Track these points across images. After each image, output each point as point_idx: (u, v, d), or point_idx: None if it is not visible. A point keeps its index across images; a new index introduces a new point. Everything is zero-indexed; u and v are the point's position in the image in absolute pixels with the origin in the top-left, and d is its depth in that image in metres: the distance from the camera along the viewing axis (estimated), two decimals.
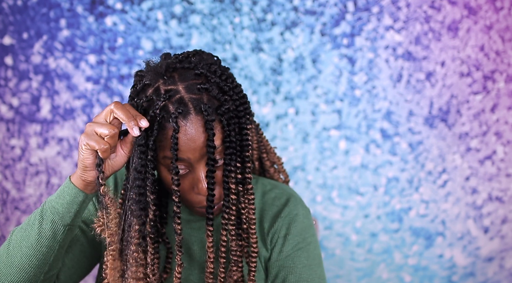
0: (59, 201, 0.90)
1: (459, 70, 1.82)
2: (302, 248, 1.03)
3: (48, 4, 1.75)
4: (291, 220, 1.04)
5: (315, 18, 1.77)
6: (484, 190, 1.89)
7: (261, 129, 1.14)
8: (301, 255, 1.02)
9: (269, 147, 1.14)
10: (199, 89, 0.89)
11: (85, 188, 0.90)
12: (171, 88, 0.89)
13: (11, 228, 1.87)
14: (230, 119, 0.91)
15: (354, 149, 1.84)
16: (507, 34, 1.81)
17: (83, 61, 1.78)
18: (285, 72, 1.79)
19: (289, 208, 1.05)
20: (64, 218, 0.91)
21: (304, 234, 1.04)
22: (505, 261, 1.95)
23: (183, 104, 0.88)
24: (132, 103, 0.92)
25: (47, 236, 0.91)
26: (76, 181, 0.90)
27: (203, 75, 0.91)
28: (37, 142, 1.82)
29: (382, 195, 1.87)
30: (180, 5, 1.75)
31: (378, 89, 1.81)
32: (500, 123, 1.86)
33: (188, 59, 0.92)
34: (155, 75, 0.91)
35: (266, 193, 1.07)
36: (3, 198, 1.85)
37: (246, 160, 0.94)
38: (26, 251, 0.91)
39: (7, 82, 1.79)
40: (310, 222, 1.07)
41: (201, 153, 0.90)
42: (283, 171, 1.19)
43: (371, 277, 1.93)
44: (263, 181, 1.10)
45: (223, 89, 0.91)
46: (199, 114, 0.88)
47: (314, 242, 1.05)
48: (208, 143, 0.88)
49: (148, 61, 0.93)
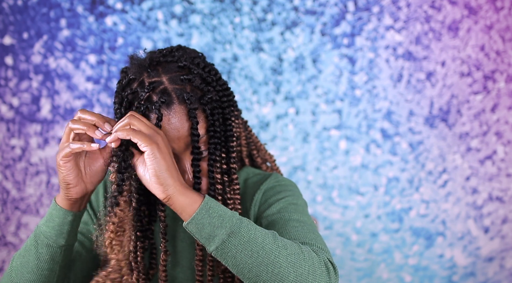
0: (50, 224, 0.91)
1: (460, 70, 1.82)
2: (284, 196, 1.00)
3: (48, 4, 1.75)
4: (269, 187, 1.02)
5: (315, 18, 1.77)
6: (484, 190, 1.89)
7: (250, 127, 1.14)
8: (285, 199, 0.99)
9: (259, 143, 1.14)
10: (182, 80, 0.90)
11: (72, 207, 0.90)
12: (155, 80, 0.90)
13: (11, 228, 1.87)
14: (214, 109, 0.92)
15: (355, 149, 1.84)
16: (507, 34, 1.81)
17: (83, 61, 1.78)
18: (285, 72, 1.79)
19: (267, 182, 1.03)
20: (58, 240, 0.91)
21: (284, 190, 1.01)
22: (505, 261, 1.95)
23: (167, 94, 0.89)
24: (118, 97, 0.93)
25: (45, 259, 0.91)
26: (62, 202, 0.90)
27: (186, 68, 0.92)
28: (37, 141, 1.82)
29: (383, 195, 1.87)
30: (180, 5, 1.75)
31: (379, 89, 1.81)
32: (500, 123, 1.86)
33: (171, 54, 0.94)
34: (140, 69, 0.92)
35: (248, 179, 1.07)
36: (3, 198, 1.85)
37: (231, 150, 0.95)
38: (28, 276, 0.92)
39: (7, 82, 1.79)
40: (293, 188, 1.04)
41: (185, 143, 0.90)
42: (276, 168, 1.18)
43: (371, 277, 1.93)
44: (248, 170, 1.10)
45: (206, 80, 0.93)
46: (182, 103, 0.89)
47: (297, 195, 1.02)
48: (192, 131, 0.89)
49: (132, 56, 0.94)
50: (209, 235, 0.80)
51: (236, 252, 0.79)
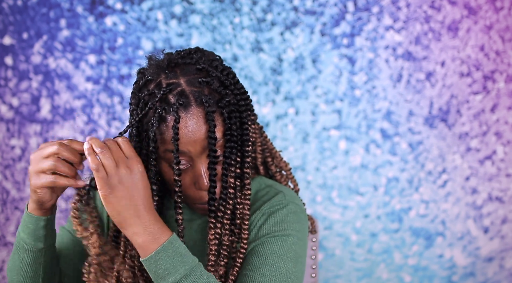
0: (26, 231, 0.93)
1: (459, 70, 1.82)
2: (277, 236, 0.95)
3: (48, 4, 1.75)
4: (271, 213, 0.98)
5: (315, 18, 1.77)
6: (484, 190, 1.89)
7: (265, 133, 1.11)
8: (273, 243, 0.94)
9: (274, 150, 1.10)
10: (200, 83, 0.90)
11: (44, 214, 0.92)
12: (173, 82, 0.90)
13: (11, 228, 1.87)
14: (231, 113, 0.91)
15: (354, 149, 1.84)
16: (507, 34, 1.81)
17: (83, 61, 1.78)
18: (285, 72, 1.79)
19: (272, 202, 0.99)
20: (36, 244, 0.93)
21: (283, 225, 0.97)
22: (505, 261, 1.95)
23: (184, 96, 0.88)
24: (135, 98, 0.93)
25: (28, 263, 0.95)
26: (34, 211, 0.91)
27: (205, 70, 0.92)
28: (37, 142, 1.82)
29: (382, 195, 1.87)
30: (180, 5, 1.75)
31: (378, 89, 1.81)
32: (500, 123, 1.86)
33: (190, 55, 0.94)
34: (157, 70, 0.91)
35: (259, 191, 1.05)
36: (3, 198, 1.85)
37: (246, 155, 0.94)
38: (17, 277, 0.97)
39: (7, 82, 1.79)
40: (297, 217, 1.00)
41: (202, 146, 0.90)
42: (292, 177, 1.13)
43: (371, 277, 1.93)
44: (260, 180, 1.07)
45: (224, 84, 0.92)
46: (200, 106, 0.88)
47: (295, 236, 0.96)
48: (209, 134, 0.88)
49: (150, 56, 0.94)
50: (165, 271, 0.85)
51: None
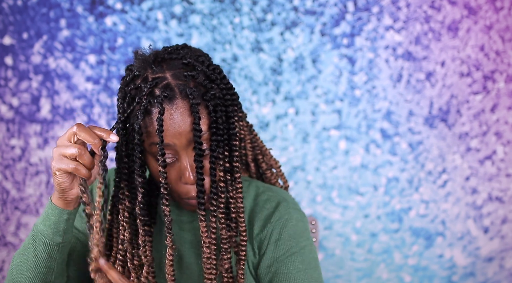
0: (46, 223, 0.93)
1: (459, 70, 1.82)
2: (295, 252, 1.00)
3: (48, 4, 1.75)
4: (282, 225, 1.01)
5: (315, 18, 1.77)
6: (484, 190, 1.89)
7: (255, 131, 1.13)
8: (295, 260, 1.00)
9: (264, 148, 1.13)
10: (186, 76, 0.91)
11: (67, 206, 0.92)
12: (159, 76, 0.91)
13: (11, 228, 1.87)
14: (217, 106, 0.92)
15: (354, 149, 1.84)
16: (507, 34, 1.81)
17: (83, 61, 1.78)
18: (285, 72, 1.79)
19: (280, 213, 1.02)
20: (55, 238, 0.93)
21: (297, 238, 1.01)
22: (505, 261, 1.95)
23: (169, 89, 0.89)
24: (121, 92, 0.94)
25: (43, 257, 0.93)
26: (57, 202, 0.92)
27: (191, 64, 0.93)
28: (37, 141, 1.82)
29: (382, 195, 1.87)
30: (180, 5, 1.75)
31: (378, 89, 1.81)
32: (500, 123, 1.86)
33: (177, 51, 0.95)
34: (144, 65, 0.93)
35: (259, 195, 1.06)
36: (3, 198, 1.85)
37: (234, 149, 0.95)
38: (27, 274, 0.95)
39: (7, 82, 1.79)
40: (304, 226, 1.04)
41: (187, 139, 0.90)
42: (281, 175, 1.17)
43: (371, 277, 1.93)
44: (257, 184, 1.09)
45: (210, 78, 0.93)
46: (185, 98, 0.89)
47: (308, 246, 1.02)
48: (194, 126, 0.89)
49: (136, 51, 0.95)
50: None
51: None
